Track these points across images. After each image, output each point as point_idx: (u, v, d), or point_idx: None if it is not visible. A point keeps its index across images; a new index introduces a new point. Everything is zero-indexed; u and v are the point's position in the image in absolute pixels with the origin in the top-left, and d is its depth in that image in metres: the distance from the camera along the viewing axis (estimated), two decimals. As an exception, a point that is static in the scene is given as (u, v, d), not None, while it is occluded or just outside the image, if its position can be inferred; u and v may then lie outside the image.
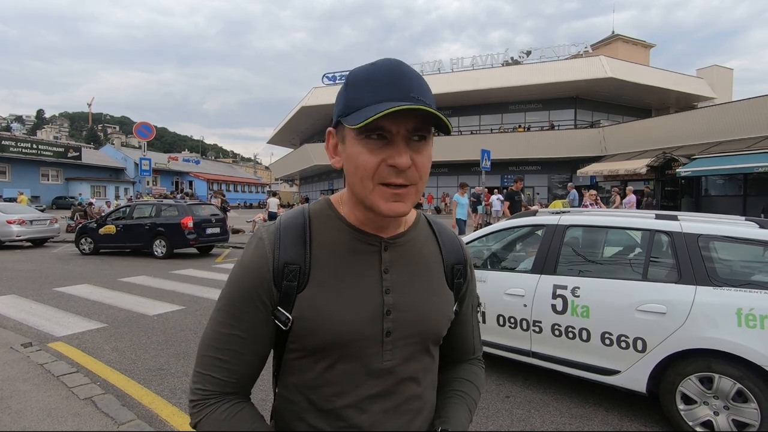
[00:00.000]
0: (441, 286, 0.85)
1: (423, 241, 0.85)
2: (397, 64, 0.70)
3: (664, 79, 25.83)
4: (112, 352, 4.27)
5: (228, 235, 12.35)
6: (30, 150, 33.10)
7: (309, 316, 0.74)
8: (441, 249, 0.87)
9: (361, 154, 0.68)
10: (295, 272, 0.74)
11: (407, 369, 0.79)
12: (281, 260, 0.74)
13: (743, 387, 2.49)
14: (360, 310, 0.75)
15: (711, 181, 18.88)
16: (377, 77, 0.69)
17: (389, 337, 0.77)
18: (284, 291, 0.74)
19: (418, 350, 0.81)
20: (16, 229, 12.20)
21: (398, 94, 0.67)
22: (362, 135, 0.67)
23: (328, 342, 0.74)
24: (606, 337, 2.95)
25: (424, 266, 0.83)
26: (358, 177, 0.69)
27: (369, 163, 0.68)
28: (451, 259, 0.88)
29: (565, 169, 26.13)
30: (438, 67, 28.98)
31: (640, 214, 3.52)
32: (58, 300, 6.33)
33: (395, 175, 0.67)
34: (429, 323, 0.81)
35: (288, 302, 0.74)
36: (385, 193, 0.69)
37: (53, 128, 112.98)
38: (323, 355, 0.75)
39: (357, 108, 0.68)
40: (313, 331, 0.74)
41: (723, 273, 2.74)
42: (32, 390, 3.23)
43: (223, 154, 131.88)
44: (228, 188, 49.52)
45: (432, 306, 0.82)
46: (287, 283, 0.74)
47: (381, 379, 0.77)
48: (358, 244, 0.78)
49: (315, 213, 0.81)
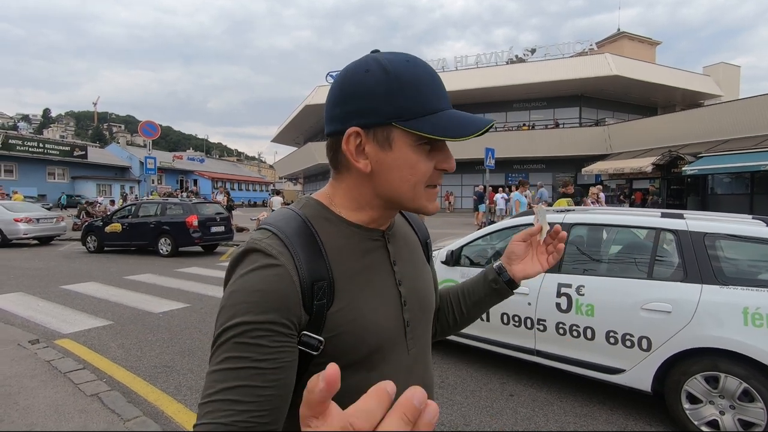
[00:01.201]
0: (424, 264, 0.89)
1: (402, 225, 0.88)
2: (429, 65, 0.71)
3: (670, 77, 25.62)
4: (118, 349, 4.30)
5: (233, 234, 12.40)
6: (37, 149, 33.36)
7: (344, 331, 0.67)
8: (414, 229, 0.92)
9: (420, 162, 0.68)
10: (323, 289, 0.66)
11: (422, 351, 0.82)
12: (309, 278, 0.65)
13: (749, 386, 2.48)
14: (386, 309, 0.74)
15: (717, 179, 18.73)
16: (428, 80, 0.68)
17: (409, 327, 0.78)
18: (315, 312, 0.65)
19: (427, 330, 0.85)
20: (23, 227, 12.31)
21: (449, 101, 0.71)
22: (419, 141, 0.67)
23: (367, 352, 0.69)
24: (611, 335, 2.94)
25: (412, 249, 0.86)
26: (411, 183, 0.69)
27: (427, 169, 0.70)
28: (423, 236, 0.94)
29: (570, 167, 26.00)
30: (442, 66, 28.89)
31: (646, 212, 3.50)
32: (64, 297, 6.39)
33: (439, 178, 0.73)
34: (429, 302, 0.86)
35: (318, 323, 0.65)
36: (430, 194, 0.73)
37: (59, 127, 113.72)
38: (359, 366, 0.69)
39: (424, 113, 0.66)
40: (350, 347, 0.67)
41: (729, 272, 2.72)
42: (39, 386, 3.27)
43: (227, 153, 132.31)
44: (232, 186, 49.67)
45: (427, 284, 0.86)
46: (318, 302, 0.65)
47: (409, 370, 0.78)
48: (366, 243, 0.75)
49: (314, 218, 0.72)
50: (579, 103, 27.25)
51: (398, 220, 0.89)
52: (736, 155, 16.40)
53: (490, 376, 3.68)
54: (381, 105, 0.66)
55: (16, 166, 32.40)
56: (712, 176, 18.41)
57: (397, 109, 0.65)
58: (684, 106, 26.74)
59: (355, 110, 0.67)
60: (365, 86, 0.66)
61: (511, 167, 27.16)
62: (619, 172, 21.29)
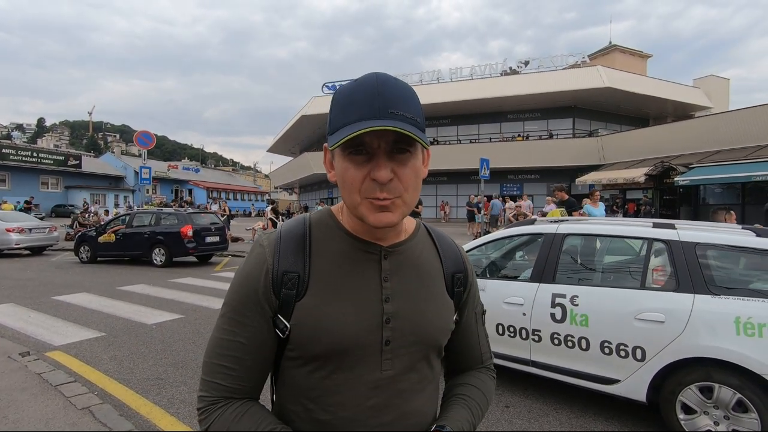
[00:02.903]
0: (440, 295, 0.84)
1: (422, 249, 0.86)
2: (378, 80, 0.71)
3: (661, 89, 26.03)
4: (110, 362, 4.25)
5: (227, 244, 12.34)
6: (30, 158, 33.18)
7: (308, 324, 0.74)
8: (440, 257, 0.88)
9: (348, 170, 0.71)
10: (294, 280, 0.76)
11: (407, 380, 0.79)
12: (280, 268, 0.76)
13: (743, 397, 2.49)
14: (359, 318, 0.75)
15: (709, 189, 18.95)
16: (358, 95, 0.70)
17: (388, 345, 0.76)
18: (283, 299, 0.75)
19: (418, 360, 0.80)
20: (15, 237, 12.18)
21: (376, 111, 0.68)
22: (347, 151, 0.70)
23: (327, 350, 0.74)
24: (605, 345, 2.95)
25: (423, 274, 0.83)
26: (347, 191, 0.72)
27: (355, 179, 0.70)
28: (451, 268, 0.88)
29: (564, 177, 26.15)
30: (437, 77, 29.20)
31: (638, 222, 3.54)
32: (56, 309, 6.31)
33: (378, 190, 0.69)
34: (429, 332, 0.81)
35: (287, 310, 0.75)
36: (371, 205, 0.70)
37: (54, 136, 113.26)
38: (322, 364, 0.75)
39: (340, 126, 0.70)
40: (312, 339, 0.74)
41: (721, 281, 2.75)
42: (30, 400, 3.21)
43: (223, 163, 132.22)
44: (228, 196, 49.57)
45: (431, 314, 0.82)
46: (286, 291, 0.75)
47: (379, 389, 0.77)
48: (357, 253, 0.79)
49: (316, 222, 0.83)
50: (572, 114, 27.58)
51: (422, 244, 0.87)
52: (727, 166, 16.63)
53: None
54: (328, 123, 0.75)
55: (9, 176, 32.16)
56: (703, 187, 18.63)
57: (329, 126, 0.74)
58: (675, 118, 27.15)
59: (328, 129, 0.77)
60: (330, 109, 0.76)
61: (505, 177, 27.32)
62: (612, 183, 21.49)
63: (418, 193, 0.76)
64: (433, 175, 28.43)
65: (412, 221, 0.89)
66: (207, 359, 0.78)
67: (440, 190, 29.64)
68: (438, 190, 29.66)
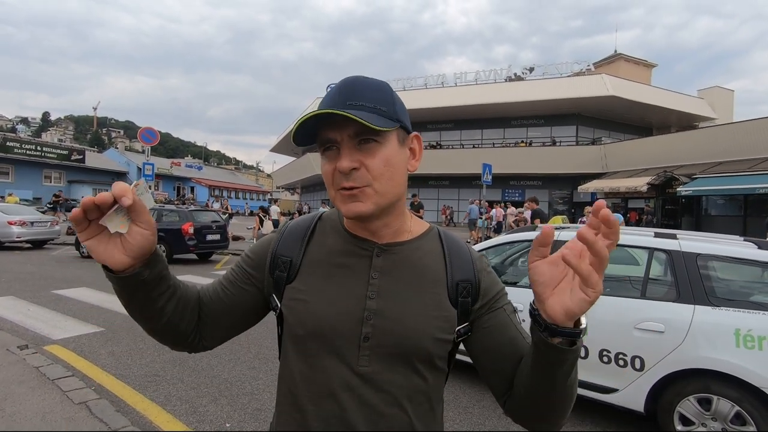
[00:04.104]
0: (437, 301, 0.79)
1: (425, 252, 0.83)
2: (348, 78, 0.75)
3: (665, 99, 26.02)
4: (108, 357, 4.25)
5: (228, 242, 12.35)
6: (34, 152, 33.24)
7: (294, 306, 0.80)
8: (447, 264, 0.83)
9: (323, 165, 0.76)
10: (286, 264, 0.83)
11: (386, 381, 0.76)
12: (277, 252, 0.85)
13: (741, 409, 2.48)
14: (339, 307, 0.77)
15: (711, 201, 18.91)
16: (331, 93, 0.74)
17: (367, 342, 0.75)
18: (276, 279, 0.83)
19: (400, 364, 0.76)
20: (17, 230, 12.21)
21: (335, 104, 0.72)
22: (321, 149, 0.76)
23: (308, 332, 0.78)
24: (604, 354, 2.94)
25: (419, 278, 0.80)
26: (327, 186, 0.77)
27: (327, 172, 0.75)
28: (458, 276, 0.82)
29: (566, 185, 26.19)
30: (441, 81, 29.24)
31: (640, 231, 3.53)
32: (56, 303, 6.32)
33: (344, 179, 0.73)
34: (411, 336, 0.76)
35: (278, 291, 0.83)
36: (342, 196, 0.74)
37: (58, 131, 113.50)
38: (305, 346, 0.79)
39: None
40: (298, 321, 0.79)
41: (721, 293, 2.75)
42: (27, 393, 3.21)
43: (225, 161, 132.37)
44: (229, 195, 49.61)
45: (418, 319, 0.77)
46: (278, 273, 0.83)
47: (354, 383, 0.75)
48: (351, 248, 0.82)
49: (325, 218, 0.90)
50: (576, 121, 27.58)
51: (427, 247, 0.84)
52: (730, 177, 16.60)
53: (483, 393, 3.66)
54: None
55: (13, 169, 32.23)
56: (706, 198, 18.59)
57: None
58: (679, 128, 27.12)
59: None
60: None
61: (507, 183, 27.32)
62: (614, 191, 21.47)
63: (395, 183, 0.75)
64: (436, 179, 28.43)
65: (423, 224, 0.88)
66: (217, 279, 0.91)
67: (442, 194, 29.65)
68: (440, 194, 29.67)
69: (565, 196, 26.75)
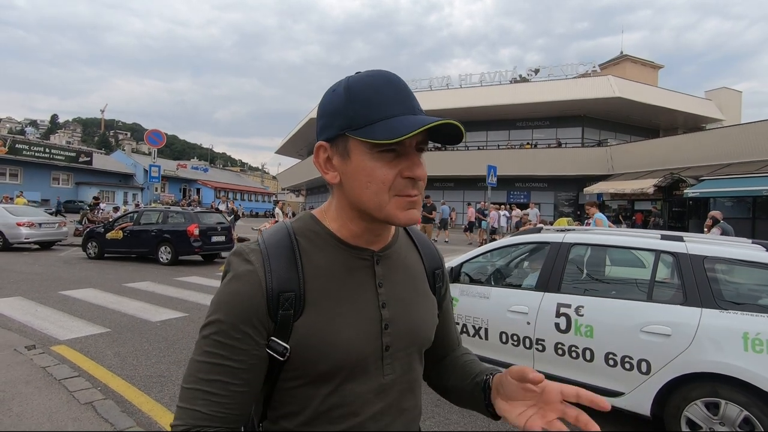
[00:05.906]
0: (426, 293, 0.86)
1: (406, 250, 0.87)
2: (396, 77, 0.72)
3: (672, 100, 25.85)
4: (114, 358, 4.28)
5: (233, 244, 12.41)
6: (42, 154, 33.63)
7: (310, 344, 0.70)
8: (421, 256, 0.89)
9: (377, 168, 0.68)
10: (291, 300, 0.70)
11: (405, 380, 0.80)
12: (276, 289, 0.69)
13: (750, 414, 2.45)
14: (361, 329, 0.74)
15: (719, 203, 18.72)
16: (386, 90, 0.69)
17: (388, 351, 0.76)
18: (280, 321, 0.69)
19: (413, 359, 0.82)
20: (25, 231, 12.34)
21: (410, 107, 0.69)
22: (377, 149, 0.67)
23: (333, 367, 0.71)
24: (610, 357, 2.92)
25: (411, 276, 0.84)
26: (373, 190, 0.68)
27: (388, 176, 0.68)
28: (431, 265, 0.90)
29: (572, 186, 26.06)
30: (447, 83, 29.26)
31: (646, 233, 3.51)
32: (63, 303, 6.37)
33: (411, 187, 0.70)
34: (421, 331, 0.82)
35: (285, 332, 0.70)
36: (402, 202, 0.69)
37: (66, 133, 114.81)
38: (326, 380, 0.72)
39: (373, 121, 0.67)
40: (316, 358, 0.70)
41: (729, 296, 2.72)
42: (34, 393, 3.24)
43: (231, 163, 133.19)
44: (235, 196, 49.86)
45: (422, 314, 0.83)
46: (283, 312, 0.69)
47: (383, 394, 0.77)
48: (351, 260, 0.76)
49: (299, 230, 0.77)
50: (582, 123, 27.46)
51: (404, 245, 0.87)
52: (738, 179, 16.45)
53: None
54: (336, 118, 0.70)
55: (22, 171, 32.63)
56: (713, 200, 18.41)
57: (348, 119, 0.69)
58: (686, 129, 26.93)
59: (321, 126, 0.74)
60: (329, 104, 0.73)
61: (513, 185, 27.23)
62: (620, 193, 21.34)
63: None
64: (441, 181, 28.39)
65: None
66: (186, 385, 0.69)
67: (447, 195, 29.62)
68: (445, 196, 29.65)
69: (570, 198, 26.62)
